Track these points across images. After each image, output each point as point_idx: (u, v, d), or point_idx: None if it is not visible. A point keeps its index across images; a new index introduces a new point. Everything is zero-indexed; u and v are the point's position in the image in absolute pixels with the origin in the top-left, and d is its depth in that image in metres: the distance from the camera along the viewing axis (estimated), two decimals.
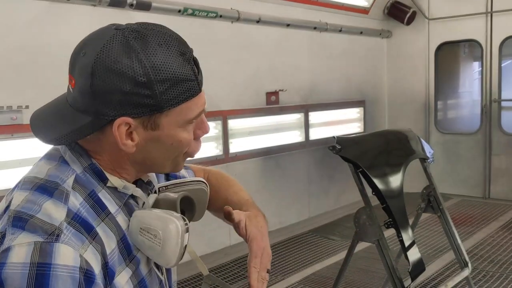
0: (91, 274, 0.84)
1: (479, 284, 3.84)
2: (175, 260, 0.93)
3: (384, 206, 2.56)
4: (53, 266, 0.79)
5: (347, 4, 6.01)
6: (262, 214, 1.20)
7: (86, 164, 0.94)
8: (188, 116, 0.94)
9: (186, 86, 0.90)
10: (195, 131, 0.98)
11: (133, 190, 0.99)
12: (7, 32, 3.25)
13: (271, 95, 5.19)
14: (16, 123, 3.26)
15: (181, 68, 0.89)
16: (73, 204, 0.88)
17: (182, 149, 0.98)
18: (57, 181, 0.91)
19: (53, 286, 0.79)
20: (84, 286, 0.82)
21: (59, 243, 0.82)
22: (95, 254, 0.86)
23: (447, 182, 6.36)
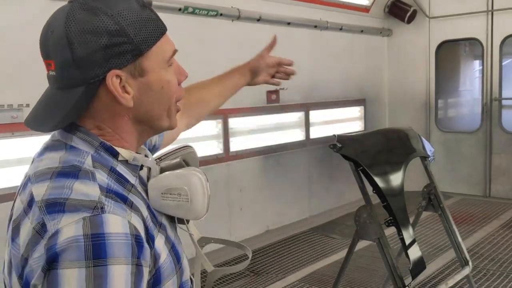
0: (140, 238, 0.86)
1: (480, 282, 3.84)
2: (205, 210, 0.99)
3: (385, 205, 2.56)
4: (106, 235, 0.81)
5: (347, 3, 6.01)
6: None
7: (98, 143, 0.96)
8: (166, 55, 0.98)
9: (154, 25, 0.96)
10: (177, 77, 1.03)
11: (142, 160, 1.02)
12: (7, 30, 3.25)
13: (272, 94, 5.18)
14: (17, 121, 3.26)
15: (142, 11, 0.95)
16: (101, 180, 0.90)
17: (172, 93, 1.01)
18: (75, 164, 0.91)
19: (110, 253, 0.80)
20: (136, 251, 0.84)
21: (106, 214, 0.84)
22: (138, 220, 0.89)
23: (448, 180, 6.36)
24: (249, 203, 4.78)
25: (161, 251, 0.95)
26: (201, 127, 4.55)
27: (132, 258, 0.83)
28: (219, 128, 4.72)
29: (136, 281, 0.84)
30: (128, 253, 0.83)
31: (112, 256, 0.81)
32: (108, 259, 0.80)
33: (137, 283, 0.84)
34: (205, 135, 4.60)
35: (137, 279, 0.84)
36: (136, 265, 0.84)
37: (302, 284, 3.96)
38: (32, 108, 1.05)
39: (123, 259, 0.82)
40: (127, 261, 0.82)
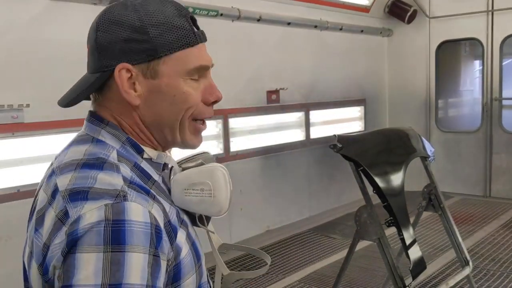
0: (160, 229, 0.87)
1: (480, 282, 3.84)
2: (228, 205, 1.00)
3: (385, 205, 2.56)
4: (127, 222, 0.82)
5: (348, 3, 6.01)
6: None
7: (124, 138, 0.99)
8: (187, 66, 0.97)
9: (180, 34, 0.96)
10: (204, 95, 1.01)
11: (166, 159, 1.05)
12: (8, 30, 3.25)
13: (272, 94, 5.18)
14: (17, 121, 3.26)
15: (175, 17, 0.96)
16: (126, 172, 0.92)
17: (186, 104, 0.98)
18: (100, 157, 0.93)
19: (129, 240, 0.81)
20: (155, 241, 0.85)
21: (128, 202, 0.85)
22: (158, 211, 0.90)
23: (448, 180, 6.36)
24: (249, 203, 4.78)
25: (182, 246, 0.95)
26: None
27: (150, 248, 0.84)
28: (219, 128, 4.73)
29: (153, 272, 0.84)
30: (147, 242, 0.83)
31: (131, 243, 0.81)
32: (126, 246, 0.81)
33: (154, 274, 0.84)
34: (205, 135, 4.58)
35: (154, 270, 0.84)
36: (153, 255, 0.84)
37: (302, 284, 3.96)
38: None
39: (141, 247, 0.82)
40: (145, 250, 0.83)
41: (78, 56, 3.82)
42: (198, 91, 1.00)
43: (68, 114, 3.56)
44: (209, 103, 1.02)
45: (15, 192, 3.27)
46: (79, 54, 4.16)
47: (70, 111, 4.05)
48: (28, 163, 3.34)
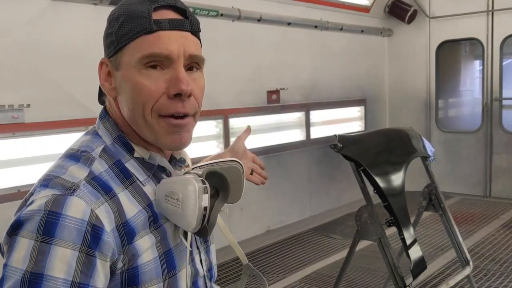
0: (100, 230, 0.87)
1: (480, 282, 3.84)
2: (195, 222, 0.93)
3: (386, 205, 2.56)
4: (62, 216, 0.84)
5: (348, 3, 6.01)
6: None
7: (115, 135, 1.00)
8: (138, 55, 0.93)
9: (137, 22, 0.93)
10: (167, 87, 0.94)
11: (160, 160, 1.01)
12: (8, 30, 3.25)
13: (272, 94, 5.18)
14: (18, 121, 3.26)
15: (137, 6, 0.95)
16: (96, 168, 0.93)
17: (141, 97, 0.94)
18: (86, 150, 0.97)
19: (58, 234, 0.83)
20: (89, 240, 0.85)
21: (73, 196, 0.86)
22: (108, 212, 0.89)
23: (448, 180, 6.36)
24: (250, 203, 4.78)
25: (143, 251, 0.93)
26: (201, 127, 4.56)
27: (81, 246, 0.84)
28: (220, 128, 4.73)
29: (84, 270, 0.84)
30: (78, 240, 0.84)
31: (60, 237, 0.83)
32: (54, 239, 0.83)
33: (86, 272, 0.84)
34: (205, 135, 4.61)
35: (85, 268, 0.84)
36: (85, 254, 0.84)
37: (302, 284, 3.96)
38: None
39: (70, 243, 0.83)
40: (74, 247, 0.84)
41: (78, 56, 3.84)
42: (158, 83, 0.94)
43: (69, 114, 3.57)
44: (172, 96, 0.94)
45: (15, 192, 3.27)
46: (79, 54, 4.18)
47: (70, 111, 4.07)
48: (29, 163, 3.34)
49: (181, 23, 0.95)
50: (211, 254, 1.16)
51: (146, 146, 1.01)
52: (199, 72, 1.01)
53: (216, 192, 1.04)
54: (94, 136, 1.00)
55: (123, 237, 0.90)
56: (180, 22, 0.95)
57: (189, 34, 0.97)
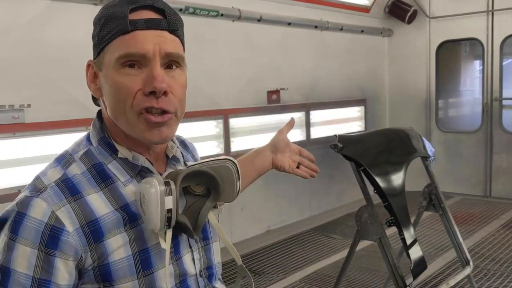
0: (59, 231, 0.92)
1: (481, 282, 3.84)
2: (159, 224, 0.95)
3: (386, 205, 2.56)
4: (26, 216, 0.92)
5: (348, 3, 6.01)
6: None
7: (100, 137, 1.04)
8: (116, 53, 0.96)
9: (115, 24, 0.96)
10: (143, 85, 0.97)
11: (142, 160, 1.04)
12: (8, 30, 3.25)
13: (272, 94, 5.19)
14: (18, 122, 3.27)
15: (116, 7, 0.98)
16: (72, 171, 0.99)
17: (120, 95, 0.97)
18: (71, 153, 1.04)
19: (21, 232, 0.91)
20: (46, 239, 0.91)
21: (37, 198, 0.94)
22: (70, 213, 0.94)
23: (449, 180, 6.36)
24: (250, 203, 4.78)
25: (114, 249, 0.96)
26: (201, 127, 4.56)
27: (39, 245, 0.91)
28: (220, 128, 4.73)
29: (45, 266, 0.91)
30: (36, 239, 0.91)
31: (22, 236, 0.91)
32: (18, 238, 0.91)
33: (47, 269, 0.92)
34: (205, 135, 4.61)
35: (45, 265, 0.91)
36: (44, 252, 0.91)
37: (303, 284, 3.96)
38: None
39: (30, 242, 0.91)
40: (33, 246, 0.91)
41: (78, 56, 3.81)
42: (135, 81, 0.96)
43: (69, 114, 3.57)
44: (147, 93, 0.96)
45: (16, 192, 3.27)
46: (79, 54, 4.14)
47: (70, 111, 4.07)
48: (29, 163, 3.34)
49: (157, 22, 0.97)
50: (211, 252, 1.16)
51: (130, 147, 1.04)
52: (179, 70, 1.02)
53: (208, 192, 1.05)
54: (85, 139, 1.07)
55: (88, 235, 0.94)
56: (157, 22, 0.97)
57: (166, 32, 0.99)
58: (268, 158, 1.51)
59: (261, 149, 1.52)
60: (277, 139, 1.52)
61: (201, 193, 1.06)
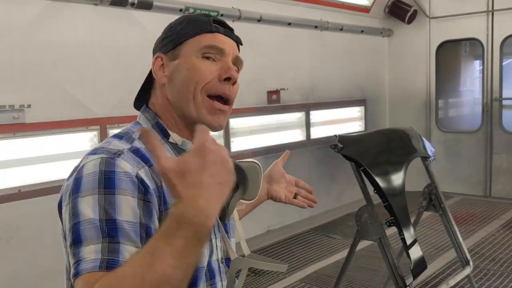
0: (146, 185, 1.01)
1: (481, 282, 3.84)
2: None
3: (386, 205, 2.56)
4: (116, 172, 0.99)
5: (348, 3, 6.01)
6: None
7: (154, 122, 1.18)
8: (199, 45, 1.15)
9: (199, 23, 1.17)
10: (219, 73, 1.14)
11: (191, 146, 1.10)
12: (9, 31, 3.25)
13: (272, 94, 5.19)
14: (18, 122, 3.27)
15: (197, 16, 1.21)
16: (137, 144, 1.09)
17: (196, 77, 1.13)
18: (127, 131, 1.14)
19: (118, 185, 0.97)
20: (143, 190, 1.00)
21: (119, 159, 1.02)
22: (148, 175, 1.03)
23: (449, 180, 6.36)
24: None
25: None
26: None
27: (138, 194, 0.98)
28: None
29: (146, 214, 0.98)
30: (135, 189, 0.98)
31: (120, 187, 0.97)
32: (116, 190, 0.97)
33: (147, 216, 0.98)
34: None
35: (146, 213, 0.99)
36: (143, 200, 0.99)
37: (303, 284, 3.96)
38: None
39: (129, 192, 0.98)
40: (133, 195, 0.98)
41: (79, 56, 3.84)
42: (212, 69, 1.14)
43: (69, 114, 3.57)
44: (222, 79, 1.14)
45: (16, 192, 3.27)
46: (80, 55, 4.17)
47: (71, 111, 4.06)
48: (29, 164, 3.35)
49: (231, 33, 1.21)
50: (231, 247, 1.21)
51: (181, 133, 1.17)
52: (237, 74, 1.21)
53: (236, 186, 1.14)
54: (135, 124, 1.19)
55: (161, 197, 1.04)
56: (231, 33, 1.21)
57: (235, 43, 1.22)
58: (263, 189, 1.58)
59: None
60: (273, 170, 1.61)
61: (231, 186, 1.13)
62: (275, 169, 1.61)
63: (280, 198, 1.63)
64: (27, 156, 3.35)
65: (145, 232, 0.96)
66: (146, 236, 0.96)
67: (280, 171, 1.62)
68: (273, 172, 1.61)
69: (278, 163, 1.63)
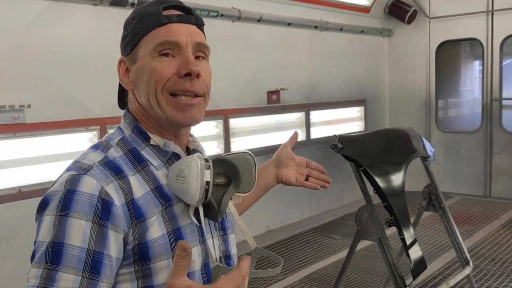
0: (109, 203, 0.97)
1: (480, 282, 3.84)
2: (198, 194, 1.02)
3: (386, 205, 2.56)
4: (76, 192, 0.96)
5: (348, 3, 6.02)
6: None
7: (133, 126, 1.12)
8: (152, 44, 1.07)
9: (150, 19, 1.08)
10: (178, 69, 1.07)
11: (173, 147, 1.12)
12: (9, 31, 3.26)
13: (272, 94, 5.19)
14: (18, 122, 3.27)
15: (148, 8, 1.09)
16: (112, 154, 1.06)
17: (153, 78, 1.06)
18: (107, 140, 1.11)
19: (73, 207, 0.95)
20: (100, 211, 0.96)
21: (86, 175, 0.99)
22: (117, 189, 1.00)
23: (448, 180, 6.36)
24: None
25: (152, 228, 1.02)
26: (201, 127, 4.56)
27: (93, 217, 0.95)
28: (220, 128, 4.73)
29: (98, 239, 0.95)
30: (90, 212, 0.95)
31: (75, 210, 0.95)
32: (70, 212, 0.95)
33: (100, 241, 0.95)
34: (205, 135, 4.61)
35: (99, 237, 0.95)
36: (98, 224, 0.95)
37: (303, 284, 3.96)
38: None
39: (84, 215, 0.95)
40: (87, 218, 0.95)
41: (78, 56, 3.84)
42: (170, 66, 1.06)
43: (69, 114, 3.57)
44: (182, 75, 1.06)
45: (16, 192, 3.27)
46: (79, 55, 4.17)
47: (70, 112, 4.06)
48: (29, 164, 3.35)
49: (187, 17, 1.10)
50: (229, 243, 1.20)
51: (161, 135, 1.12)
52: (205, 61, 1.12)
53: (228, 181, 1.12)
54: (117, 129, 1.15)
55: (131, 212, 1.00)
56: (187, 17, 1.10)
57: (194, 27, 1.11)
58: (271, 174, 1.54)
59: (264, 165, 1.54)
60: (280, 153, 1.54)
61: (222, 183, 1.12)
62: (283, 152, 1.54)
63: (290, 181, 1.55)
64: (27, 156, 3.35)
65: (92, 258, 0.94)
66: (94, 263, 0.94)
67: (288, 154, 1.54)
68: (281, 155, 1.53)
69: (286, 145, 1.56)
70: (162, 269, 1.02)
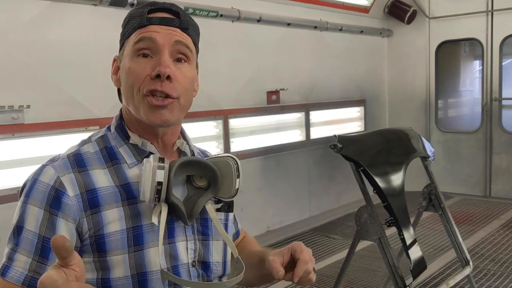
0: (62, 194, 1.04)
1: (480, 282, 3.84)
2: (149, 194, 1.03)
3: (386, 205, 2.56)
4: (37, 181, 1.05)
5: (347, 3, 6.01)
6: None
7: (117, 124, 1.18)
8: (132, 42, 1.10)
9: (135, 21, 1.11)
10: (151, 70, 1.07)
11: (150, 147, 1.15)
12: (8, 31, 3.25)
13: (272, 94, 5.19)
14: (17, 122, 3.27)
15: (139, 9, 1.12)
16: (85, 148, 1.13)
17: (130, 79, 1.09)
18: (91, 136, 1.18)
19: (32, 195, 1.04)
20: (51, 200, 1.03)
21: (49, 166, 1.07)
22: (73, 181, 1.06)
23: (448, 180, 6.36)
24: (250, 203, 4.78)
25: (109, 221, 1.05)
26: (201, 127, 4.56)
27: (45, 205, 1.03)
28: (220, 128, 4.73)
29: (49, 226, 1.02)
30: (43, 200, 1.03)
31: (32, 198, 1.04)
32: (29, 199, 1.04)
33: (50, 228, 1.02)
34: (205, 135, 4.61)
35: (50, 224, 1.02)
36: (49, 212, 1.02)
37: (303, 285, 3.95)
38: None
39: (38, 203, 1.03)
40: (40, 206, 1.03)
41: (78, 57, 3.84)
42: (145, 67, 1.08)
43: (68, 115, 3.57)
44: (153, 76, 1.07)
45: (15, 193, 3.27)
46: (79, 55, 4.17)
47: (70, 112, 4.06)
48: (29, 164, 3.34)
49: (170, 20, 1.11)
50: (209, 249, 1.16)
51: (141, 134, 1.15)
52: (187, 64, 1.13)
53: (209, 185, 1.12)
54: (106, 127, 1.20)
55: (86, 202, 1.04)
56: (170, 20, 1.11)
57: (178, 30, 1.11)
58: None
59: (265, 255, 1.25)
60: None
61: (203, 186, 1.13)
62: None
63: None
64: (26, 157, 3.34)
65: (42, 244, 1.01)
66: (43, 248, 1.01)
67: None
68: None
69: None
70: (118, 263, 1.04)
